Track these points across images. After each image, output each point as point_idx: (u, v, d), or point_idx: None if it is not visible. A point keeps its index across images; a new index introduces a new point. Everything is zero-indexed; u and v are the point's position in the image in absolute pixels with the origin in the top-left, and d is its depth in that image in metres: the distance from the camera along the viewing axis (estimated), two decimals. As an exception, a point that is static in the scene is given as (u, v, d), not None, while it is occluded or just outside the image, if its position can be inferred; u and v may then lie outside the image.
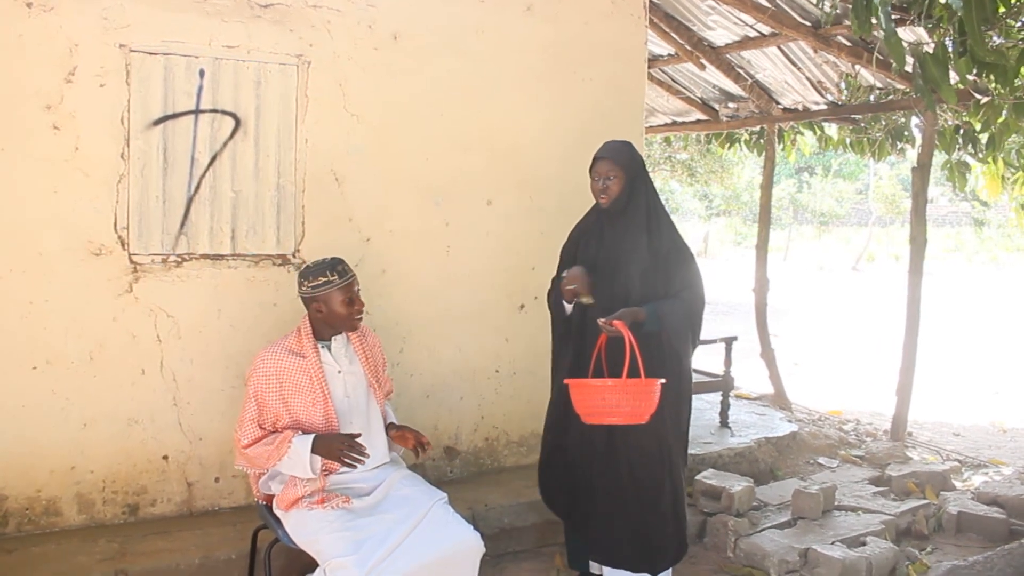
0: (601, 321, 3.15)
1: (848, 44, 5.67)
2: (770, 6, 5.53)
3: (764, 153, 7.77)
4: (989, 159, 6.40)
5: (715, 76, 7.18)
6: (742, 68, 6.89)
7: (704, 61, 6.80)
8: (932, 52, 4.16)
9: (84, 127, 3.59)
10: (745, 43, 6.39)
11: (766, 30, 6.05)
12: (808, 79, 6.69)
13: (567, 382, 3.18)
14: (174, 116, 3.77)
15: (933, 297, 12.46)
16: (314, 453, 2.98)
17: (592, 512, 3.42)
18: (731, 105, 7.68)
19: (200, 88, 3.81)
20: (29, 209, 3.53)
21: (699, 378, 5.70)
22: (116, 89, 3.64)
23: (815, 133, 7.89)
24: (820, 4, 5.37)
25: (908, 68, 5.28)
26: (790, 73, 6.68)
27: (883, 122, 7.22)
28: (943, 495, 4.92)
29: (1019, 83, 4.82)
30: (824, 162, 32.22)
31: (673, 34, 6.61)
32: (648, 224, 3.36)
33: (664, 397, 3.16)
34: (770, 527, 4.27)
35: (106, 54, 3.61)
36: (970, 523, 4.56)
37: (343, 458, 2.95)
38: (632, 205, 3.37)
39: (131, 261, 3.72)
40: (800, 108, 7.16)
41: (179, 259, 3.81)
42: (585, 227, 3.56)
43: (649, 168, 3.53)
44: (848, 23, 5.15)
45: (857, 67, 6.11)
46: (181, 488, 3.88)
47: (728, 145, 8.62)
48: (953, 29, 4.26)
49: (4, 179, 3.49)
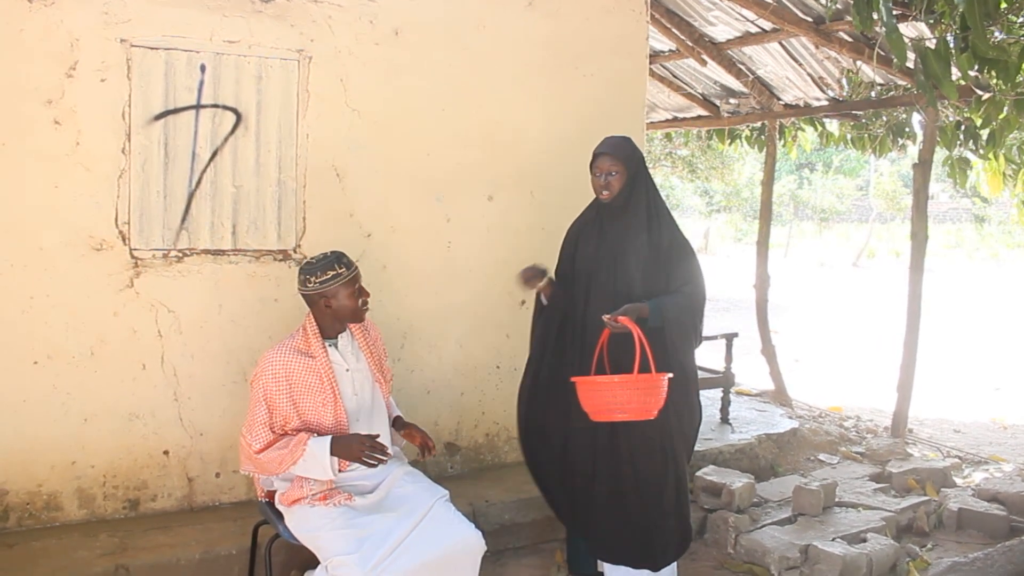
0: (606, 317, 3.14)
1: (849, 40, 5.66)
2: (772, 2, 5.52)
3: (765, 149, 7.76)
4: (990, 155, 6.39)
5: (716, 72, 7.17)
6: (743, 64, 6.88)
7: (705, 57, 6.79)
8: (934, 48, 4.15)
9: (85, 122, 3.59)
10: (746, 39, 6.38)
11: (768, 26, 6.04)
12: (809, 75, 6.68)
13: (574, 380, 3.17)
14: (175, 111, 3.76)
15: (934, 293, 12.45)
16: (333, 455, 2.94)
17: (593, 508, 3.42)
18: (732, 101, 7.67)
19: (201, 83, 3.80)
20: (30, 204, 3.53)
21: (700, 374, 5.66)
22: (117, 84, 3.64)
23: (816, 129, 7.88)
24: (821, 0, 5.36)
25: (909, 64, 5.27)
26: (791, 69, 6.67)
27: (884, 118, 7.21)
28: (944, 492, 4.92)
29: (1020, 79, 4.81)
30: (825, 158, 32.23)
31: (674, 29, 6.60)
32: (649, 219, 3.35)
33: (668, 393, 3.16)
34: (771, 523, 4.27)
35: (107, 49, 3.61)
36: (971, 520, 4.56)
37: (364, 459, 2.93)
38: (633, 200, 3.36)
39: (132, 256, 3.72)
40: (801, 104, 7.15)
41: (180, 254, 3.81)
42: (585, 222, 3.56)
43: (650, 164, 3.53)
44: (850, 19, 5.14)
45: (858, 63, 6.11)
46: (182, 483, 3.89)
47: (729, 141, 8.61)
48: (955, 25, 4.26)
49: (5, 174, 3.49)
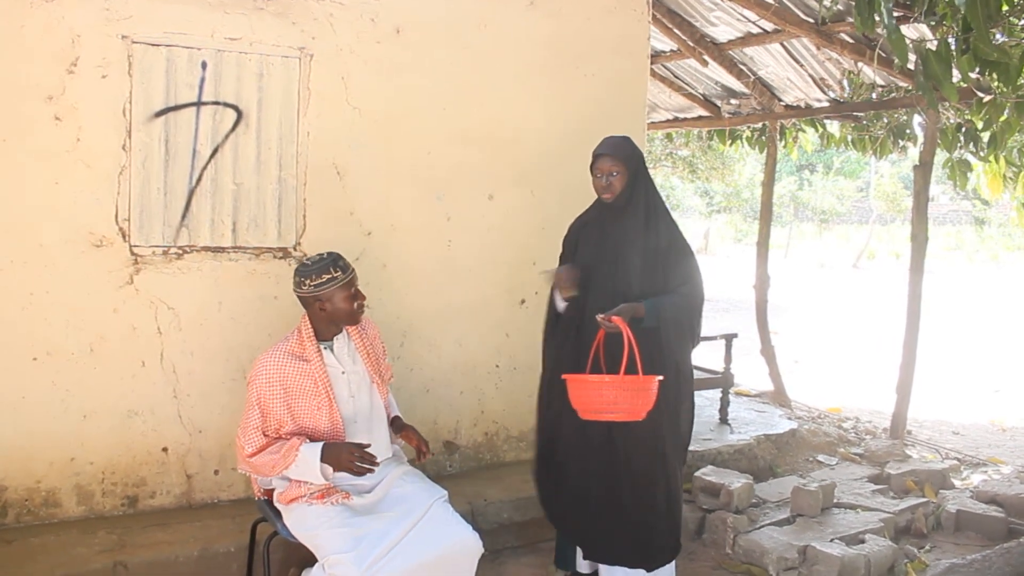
0: (600, 317, 3.14)
1: (851, 41, 5.66)
2: (773, 3, 5.52)
3: (766, 150, 7.76)
4: (991, 158, 6.39)
5: (717, 72, 7.17)
6: (744, 64, 6.88)
7: (707, 57, 6.79)
8: (935, 49, 4.15)
9: (86, 118, 3.59)
10: (748, 39, 6.38)
11: (769, 26, 6.04)
12: (810, 76, 6.68)
13: (565, 377, 3.17)
14: (176, 108, 3.76)
15: (933, 295, 12.45)
16: (323, 462, 2.94)
17: (587, 509, 3.41)
18: (733, 101, 7.67)
19: (202, 80, 3.80)
20: (30, 200, 3.53)
21: (699, 374, 5.70)
22: (118, 80, 3.64)
23: (817, 130, 7.88)
24: (823, 1, 5.36)
25: (911, 65, 5.27)
26: (792, 70, 6.67)
27: (885, 120, 7.21)
28: (942, 493, 4.93)
29: (1022, 82, 4.80)
30: (825, 160, 32.25)
31: (676, 30, 6.60)
32: (648, 219, 3.35)
33: (662, 394, 3.15)
34: (769, 524, 4.27)
35: (108, 45, 3.61)
36: (969, 522, 4.56)
37: (353, 468, 2.93)
38: (633, 200, 3.36)
39: (132, 253, 3.72)
40: (802, 105, 7.15)
41: (180, 251, 3.81)
42: (586, 221, 3.56)
43: (650, 164, 3.52)
44: (851, 20, 5.15)
45: (860, 64, 6.10)
46: (180, 480, 3.89)
47: (730, 142, 8.61)
48: (956, 26, 4.25)
49: (5, 170, 3.48)
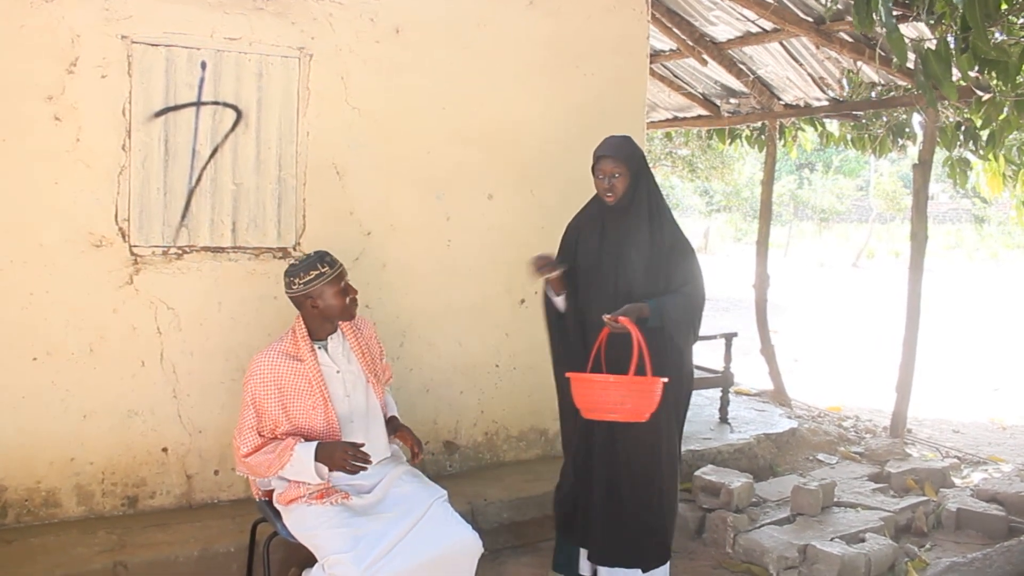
0: (606, 317, 3.13)
1: (850, 40, 5.66)
2: (772, 2, 5.52)
3: (765, 149, 7.76)
4: (990, 156, 6.39)
5: (717, 72, 7.17)
6: (744, 64, 6.88)
7: (706, 56, 6.79)
8: (934, 48, 4.15)
9: (85, 118, 3.59)
10: (747, 39, 6.38)
11: (768, 26, 6.04)
12: (810, 75, 6.68)
13: (569, 376, 3.16)
14: (176, 108, 3.76)
15: (933, 294, 12.45)
16: (317, 461, 2.94)
17: (590, 509, 3.40)
18: (732, 101, 7.67)
19: (202, 80, 3.80)
20: (30, 200, 3.53)
21: (699, 374, 5.69)
22: (118, 80, 3.64)
23: (816, 129, 7.88)
24: (822, 0, 5.36)
25: (910, 64, 5.27)
26: (792, 69, 6.67)
27: (884, 118, 7.21)
28: (942, 492, 4.93)
29: (1021, 80, 4.80)
30: (825, 159, 32.26)
31: (675, 29, 6.60)
32: (651, 219, 3.34)
33: (665, 395, 3.15)
34: (769, 523, 4.27)
35: (108, 45, 3.61)
36: (969, 520, 4.56)
37: (347, 466, 2.93)
38: (635, 200, 3.35)
39: (132, 253, 3.72)
40: (802, 104, 7.16)
41: (180, 251, 3.81)
42: (585, 219, 3.54)
43: (650, 164, 3.51)
44: (850, 19, 5.14)
45: (859, 63, 6.11)
46: (180, 480, 3.89)
47: (729, 141, 8.61)
48: (955, 25, 4.25)
49: (5, 170, 3.48)
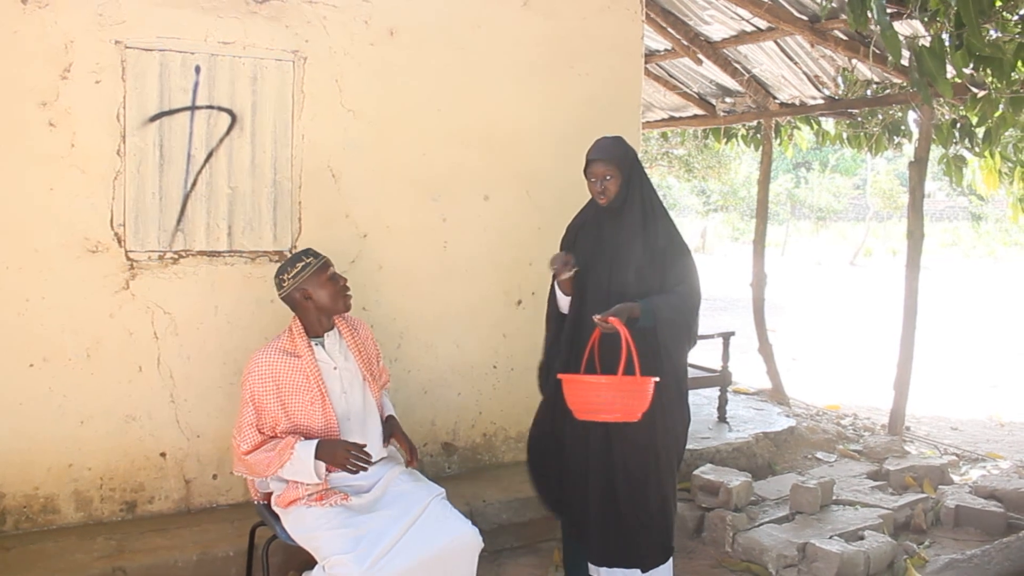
0: (596, 317, 3.13)
1: (845, 38, 5.67)
2: (767, 0, 5.52)
3: (761, 148, 7.77)
4: (986, 153, 6.40)
5: (712, 71, 7.18)
6: (739, 63, 6.89)
7: (701, 56, 6.79)
8: (929, 46, 4.16)
9: (80, 124, 3.59)
10: (742, 38, 6.39)
11: (763, 24, 6.05)
12: (805, 74, 6.69)
13: (560, 377, 3.17)
14: (170, 112, 3.76)
15: (930, 292, 12.47)
16: (318, 459, 2.95)
17: (587, 509, 3.40)
18: (728, 100, 7.68)
19: (196, 84, 3.80)
20: (25, 206, 3.52)
21: (697, 373, 5.71)
22: (112, 86, 3.63)
23: (812, 128, 7.89)
24: (817, -2, 5.37)
25: (905, 62, 5.28)
26: (787, 68, 6.68)
27: (880, 116, 7.21)
28: (941, 489, 4.93)
29: (1016, 77, 4.82)
30: (821, 157, 32.30)
31: (670, 29, 6.60)
32: (645, 219, 3.34)
33: (658, 394, 3.15)
34: (768, 522, 4.27)
35: (102, 51, 3.60)
36: (968, 517, 4.57)
37: (347, 465, 2.94)
38: (629, 201, 3.35)
39: (128, 258, 3.71)
40: (797, 103, 7.16)
41: (176, 256, 3.81)
42: (583, 221, 3.55)
43: (646, 164, 3.51)
44: (845, 17, 5.15)
45: (854, 61, 6.11)
46: (179, 485, 3.88)
47: (725, 140, 8.62)
48: (949, 23, 4.26)
49: (0, 176, 3.48)
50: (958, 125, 6.38)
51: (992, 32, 4.64)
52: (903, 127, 7.26)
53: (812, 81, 6.76)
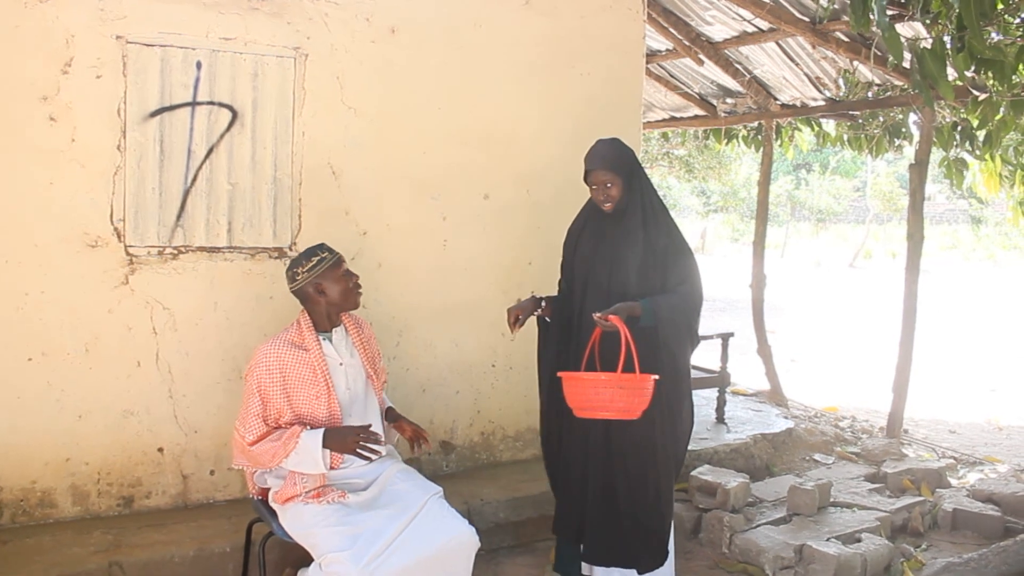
0: (596, 315, 3.13)
1: (846, 40, 5.67)
2: (769, 1, 5.52)
3: (762, 149, 7.77)
4: (987, 156, 6.39)
5: (713, 72, 7.18)
6: (740, 64, 6.88)
7: (702, 56, 6.79)
8: (930, 48, 4.15)
9: (80, 118, 3.58)
10: (743, 38, 6.38)
11: (764, 25, 6.04)
12: (806, 75, 6.69)
13: (560, 375, 3.17)
14: (171, 108, 3.76)
15: (930, 295, 12.47)
16: (325, 447, 2.95)
17: (585, 508, 3.40)
18: (729, 101, 7.68)
19: (197, 80, 3.79)
20: (25, 200, 3.52)
21: (696, 374, 5.70)
22: (113, 80, 3.63)
23: (813, 129, 7.89)
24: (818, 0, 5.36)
25: (906, 64, 5.27)
26: (788, 69, 6.67)
27: (881, 118, 7.22)
28: (939, 492, 4.93)
29: (1017, 80, 4.81)
30: (822, 159, 32.30)
31: (671, 29, 6.60)
32: (645, 219, 3.34)
33: (659, 393, 3.15)
34: (765, 523, 4.27)
35: (103, 45, 3.60)
36: (965, 520, 4.57)
37: (358, 450, 2.94)
38: (630, 202, 3.36)
39: (127, 253, 3.71)
40: (798, 104, 7.16)
41: (175, 251, 3.81)
42: (585, 222, 3.54)
43: (647, 164, 3.52)
44: (846, 18, 5.15)
45: (855, 63, 6.11)
46: (176, 480, 3.88)
47: (726, 141, 8.61)
48: (951, 25, 4.25)
49: (0, 170, 3.48)
50: (959, 128, 6.38)
51: (994, 35, 4.63)
52: (904, 129, 7.26)
53: (813, 82, 6.76)
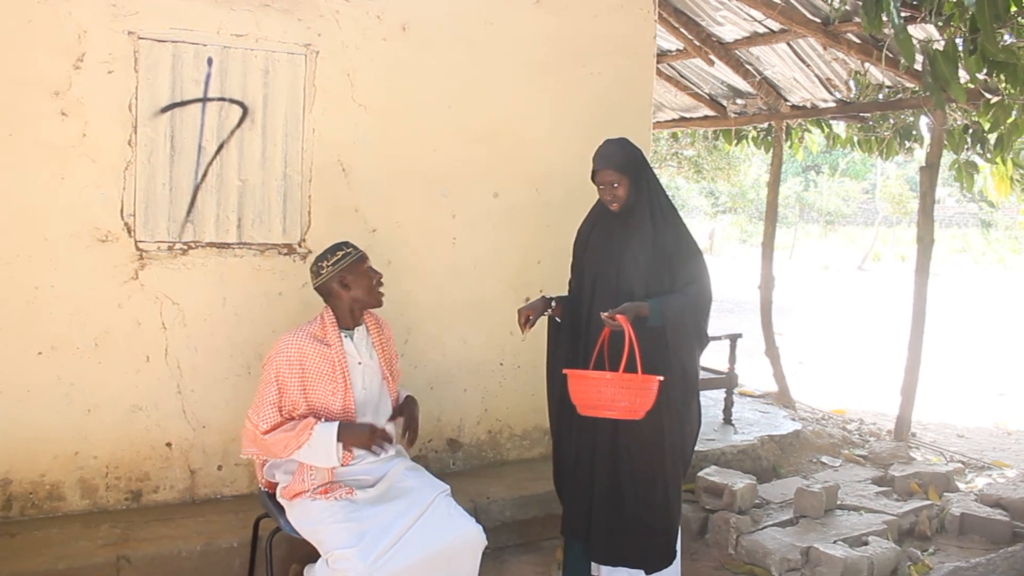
0: (604, 314, 3.14)
1: (858, 41, 5.65)
2: (780, 2, 5.50)
3: (771, 150, 7.75)
4: (998, 160, 6.36)
5: (723, 72, 7.16)
6: (751, 64, 6.87)
7: (713, 57, 6.77)
8: (942, 50, 4.14)
9: (92, 114, 3.59)
10: (754, 39, 6.36)
11: (775, 26, 6.02)
12: (817, 76, 6.67)
13: (565, 372, 3.17)
14: (182, 104, 3.77)
15: (939, 298, 12.42)
16: (339, 441, 2.95)
17: (592, 507, 3.40)
18: (739, 101, 7.66)
19: (208, 76, 3.80)
20: (36, 195, 3.54)
21: (703, 375, 5.68)
22: (124, 76, 3.64)
23: (823, 131, 7.87)
24: (830, 0, 5.34)
25: (917, 66, 5.25)
26: (799, 70, 6.65)
27: (891, 121, 7.19)
28: (946, 496, 4.91)
29: (1029, 83, 4.78)
30: (831, 161, 32.18)
31: (682, 29, 6.58)
32: (653, 219, 3.34)
33: (666, 394, 3.15)
34: (772, 525, 4.26)
35: (115, 41, 3.61)
36: (973, 525, 4.55)
37: (372, 445, 2.97)
38: (638, 202, 3.35)
39: (137, 248, 3.72)
40: (808, 105, 7.14)
41: (185, 247, 3.82)
42: (593, 222, 3.55)
43: (656, 164, 3.52)
44: (858, 20, 5.13)
45: (866, 64, 6.09)
46: (184, 475, 3.89)
47: (735, 142, 8.59)
48: (964, 27, 4.24)
49: (12, 164, 3.49)
50: (970, 131, 6.35)
51: (1007, 37, 4.61)
52: (914, 132, 7.24)
53: (824, 84, 6.74)
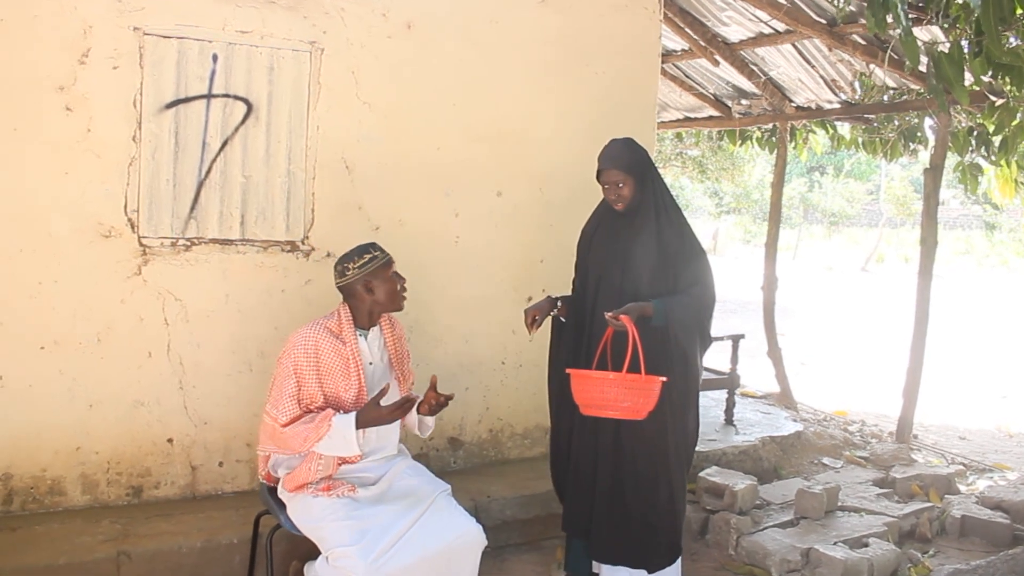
0: (608, 315, 3.14)
1: (863, 43, 5.64)
2: (785, 3, 5.50)
3: (776, 151, 7.74)
4: (1002, 162, 6.35)
5: (728, 72, 7.15)
6: (756, 65, 6.86)
7: (718, 57, 6.77)
8: (947, 52, 4.13)
9: (96, 109, 3.60)
10: (759, 40, 6.36)
11: (781, 27, 6.02)
12: (822, 77, 6.65)
13: (569, 372, 3.17)
14: (186, 100, 3.77)
15: (942, 300, 12.41)
16: (359, 428, 2.94)
17: (593, 506, 3.41)
18: (744, 102, 7.65)
19: (213, 73, 3.81)
20: (40, 190, 3.54)
21: (705, 375, 5.67)
22: (129, 72, 3.65)
23: (827, 132, 7.86)
24: (835, 1, 5.33)
25: (922, 68, 5.24)
26: (804, 71, 6.64)
27: (896, 122, 7.18)
28: (947, 498, 4.91)
29: (1034, 86, 4.77)
30: (836, 162, 32.11)
31: (687, 29, 6.58)
32: (658, 220, 3.34)
33: (669, 394, 3.15)
34: (772, 526, 4.26)
35: (120, 36, 3.62)
36: (974, 527, 4.54)
37: (398, 413, 2.97)
38: (643, 203, 3.36)
39: (140, 244, 3.73)
40: (813, 106, 7.12)
41: (188, 243, 3.82)
42: (598, 221, 3.55)
43: (660, 164, 3.51)
44: (863, 21, 5.12)
45: (871, 66, 6.08)
46: (185, 471, 3.90)
47: (740, 142, 8.58)
48: (969, 29, 4.23)
49: (16, 159, 3.50)
50: (975, 133, 6.34)
51: (1012, 40, 4.60)
52: (919, 133, 7.22)
53: (829, 85, 6.73)
